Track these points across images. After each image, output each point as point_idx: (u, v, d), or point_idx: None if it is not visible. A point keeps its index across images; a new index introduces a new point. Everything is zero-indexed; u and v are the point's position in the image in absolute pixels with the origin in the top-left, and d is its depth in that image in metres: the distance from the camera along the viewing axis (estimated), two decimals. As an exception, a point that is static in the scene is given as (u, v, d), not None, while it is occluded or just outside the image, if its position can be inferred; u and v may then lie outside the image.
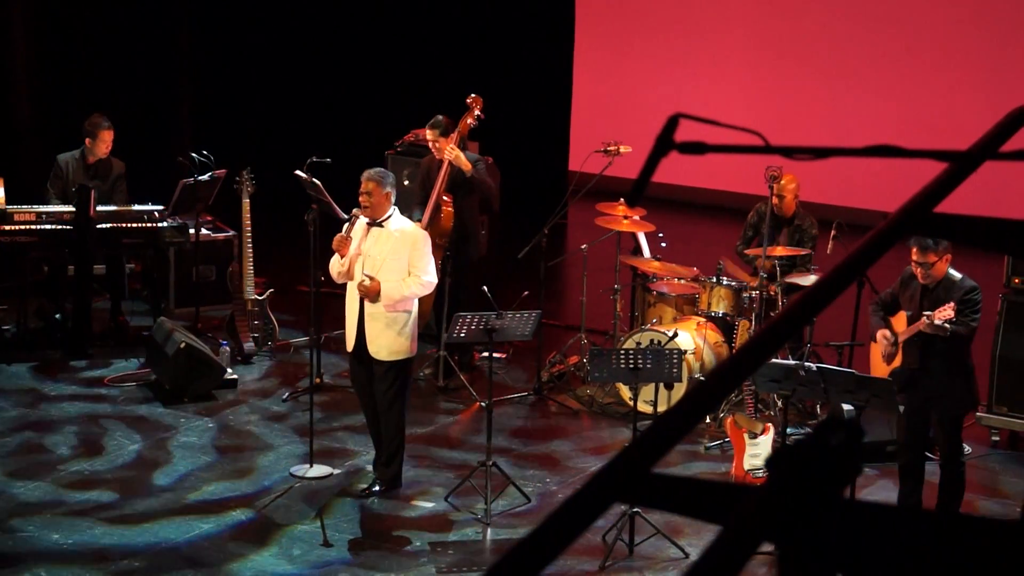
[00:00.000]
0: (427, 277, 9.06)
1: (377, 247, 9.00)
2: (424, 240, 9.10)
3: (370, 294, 8.94)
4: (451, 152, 10.85)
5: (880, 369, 8.85)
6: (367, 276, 8.94)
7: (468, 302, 10.63)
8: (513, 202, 12.97)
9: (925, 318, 8.47)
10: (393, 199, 9.09)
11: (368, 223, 9.05)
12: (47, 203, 11.60)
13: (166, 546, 8.53)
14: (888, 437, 9.44)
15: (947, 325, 8.43)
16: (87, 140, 11.72)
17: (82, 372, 11.23)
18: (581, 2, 17.47)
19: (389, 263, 8.97)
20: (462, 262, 11.15)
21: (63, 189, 11.65)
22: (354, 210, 9.19)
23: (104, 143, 11.71)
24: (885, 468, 9.41)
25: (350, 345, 9.20)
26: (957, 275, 8.64)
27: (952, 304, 8.43)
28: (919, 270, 8.59)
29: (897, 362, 8.80)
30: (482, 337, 9.24)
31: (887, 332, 8.81)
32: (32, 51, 15.05)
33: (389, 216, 9.04)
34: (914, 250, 8.57)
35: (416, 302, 9.16)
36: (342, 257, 9.09)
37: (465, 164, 10.89)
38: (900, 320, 8.84)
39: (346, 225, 9.18)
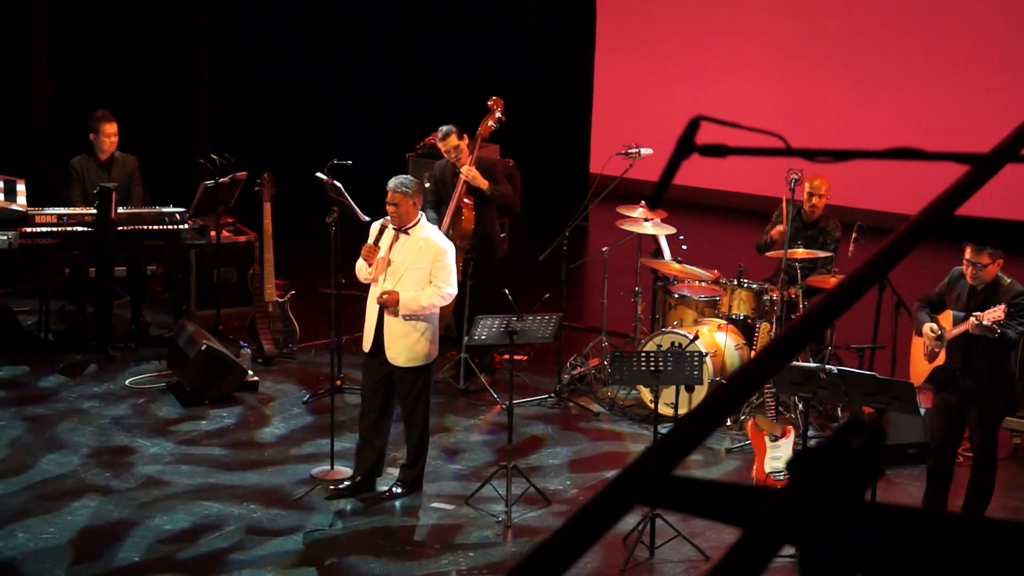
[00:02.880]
0: (447, 288, 9.05)
1: (401, 254, 9.01)
2: (447, 252, 9.07)
3: (388, 305, 8.96)
4: (468, 172, 10.80)
5: (921, 366, 8.78)
6: (385, 293, 8.96)
7: (489, 304, 10.62)
8: (534, 204, 12.97)
9: (973, 319, 8.41)
10: (420, 206, 9.10)
11: (395, 229, 9.05)
12: (68, 206, 11.63)
13: (179, 540, 8.55)
14: (910, 439, 9.40)
15: (995, 326, 8.37)
16: (91, 136, 11.77)
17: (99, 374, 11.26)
18: (602, 4, 17.47)
19: (411, 272, 8.98)
20: (483, 264, 11.13)
21: (82, 192, 11.67)
22: (379, 220, 9.16)
23: (107, 136, 11.72)
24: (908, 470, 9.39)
25: (367, 345, 9.21)
26: (1007, 279, 8.58)
27: (1003, 306, 8.36)
28: (969, 269, 8.51)
29: (940, 360, 8.73)
30: (503, 339, 9.24)
31: (934, 326, 8.66)
32: (52, 54, 15.09)
33: (416, 224, 9.04)
34: (968, 248, 8.50)
35: (437, 308, 9.15)
36: (370, 265, 9.10)
37: (482, 183, 10.84)
38: (944, 319, 8.75)
39: (372, 234, 9.14)
